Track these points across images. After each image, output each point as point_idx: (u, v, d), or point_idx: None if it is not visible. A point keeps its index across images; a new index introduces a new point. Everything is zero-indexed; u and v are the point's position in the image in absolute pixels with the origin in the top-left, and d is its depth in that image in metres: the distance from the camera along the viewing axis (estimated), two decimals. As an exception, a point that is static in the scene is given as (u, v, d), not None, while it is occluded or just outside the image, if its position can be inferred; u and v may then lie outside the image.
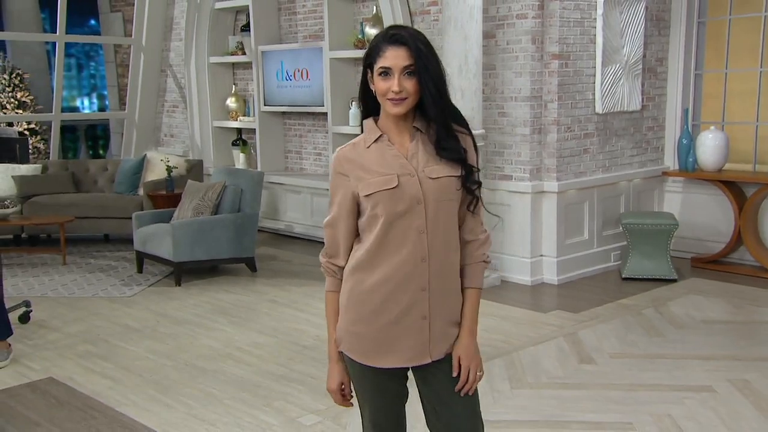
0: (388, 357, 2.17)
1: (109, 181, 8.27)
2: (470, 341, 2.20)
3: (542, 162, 5.91)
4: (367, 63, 2.14)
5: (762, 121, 6.37)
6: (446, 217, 2.15)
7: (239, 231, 6.40)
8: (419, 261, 2.12)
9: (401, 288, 2.13)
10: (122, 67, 10.78)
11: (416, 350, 2.16)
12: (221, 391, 4.15)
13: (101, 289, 6.25)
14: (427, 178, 2.12)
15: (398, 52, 2.07)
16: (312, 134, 8.03)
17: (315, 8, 7.73)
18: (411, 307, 2.14)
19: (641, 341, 4.74)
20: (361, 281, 2.16)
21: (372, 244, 2.14)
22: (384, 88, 2.08)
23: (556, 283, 5.98)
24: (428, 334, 2.16)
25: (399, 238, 2.12)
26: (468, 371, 2.17)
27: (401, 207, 2.10)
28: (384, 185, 2.10)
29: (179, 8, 9.09)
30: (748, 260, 6.22)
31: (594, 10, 5.96)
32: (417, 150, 2.15)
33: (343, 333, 2.21)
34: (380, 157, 2.14)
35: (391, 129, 2.17)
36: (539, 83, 5.83)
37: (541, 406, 3.85)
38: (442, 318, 2.17)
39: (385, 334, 2.16)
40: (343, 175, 2.18)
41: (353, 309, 2.19)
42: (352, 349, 2.20)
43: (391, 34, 2.10)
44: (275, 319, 5.37)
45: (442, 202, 2.13)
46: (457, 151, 2.14)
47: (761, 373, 4.19)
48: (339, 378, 2.26)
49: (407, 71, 2.07)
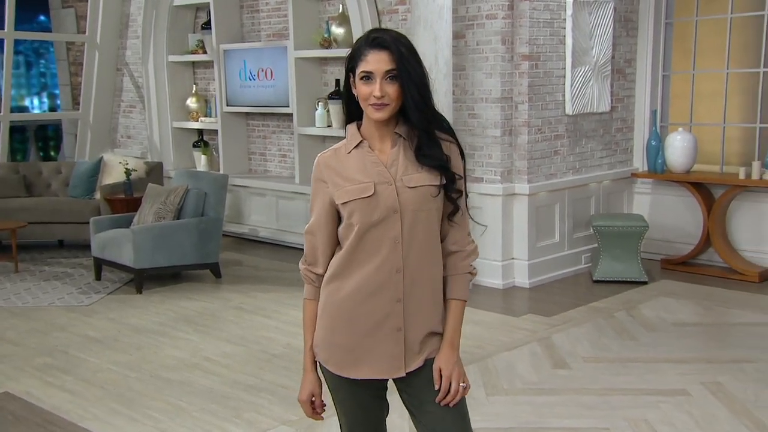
0: (361, 368, 2.12)
1: (64, 184, 7.99)
2: (451, 353, 2.13)
3: (513, 164, 5.84)
4: (349, 67, 2.08)
5: (729, 122, 6.40)
6: (425, 228, 2.09)
7: (203, 236, 6.21)
8: (393, 272, 2.07)
9: (375, 298, 2.08)
10: (75, 66, 10.45)
11: (390, 362, 2.11)
12: (189, 403, 3.99)
13: (58, 298, 6.00)
14: (405, 187, 2.06)
15: (380, 56, 2.01)
16: (277, 135, 7.86)
17: (279, 6, 7.57)
18: (385, 318, 2.09)
19: (614, 345, 4.70)
20: (336, 290, 2.13)
21: (346, 252, 2.10)
22: (366, 92, 2.03)
23: (527, 286, 5.92)
24: (403, 347, 2.11)
25: (373, 248, 2.07)
26: (449, 383, 2.10)
27: (376, 216, 2.05)
28: (360, 194, 2.05)
29: (135, 5, 8.83)
30: (717, 261, 6.24)
31: (563, 11, 5.92)
32: (397, 157, 2.09)
33: (319, 343, 2.17)
34: (359, 163, 2.09)
35: (373, 135, 2.11)
36: (510, 84, 5.76)
37: (517, 413, 3.79)
38: (418, 330, 2.11)
39: (359, 344, 2.11)
40: (322, 181, 2.13)
41: (328, 318, 2.14)
42: (328, 359, 2.15)
43: (373, 37, 2.05)
44: (243, 327, 5.20)
45: (420, 212, 2.07)
46: (438, 158, 2.08)
47: (733, 375, 4.19)
48: (310, 388, 2.20)
49: (389, 76, 2.02)
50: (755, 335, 4.86)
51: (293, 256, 7.19)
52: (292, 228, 7.41)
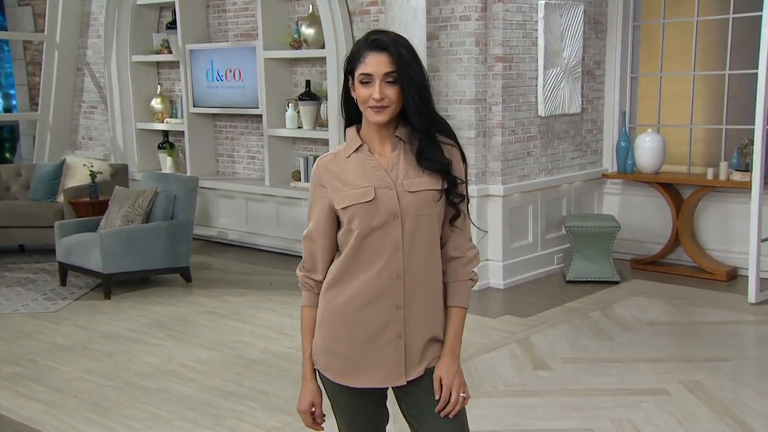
0: (361, 376, 2.08)
1: (24, 187, 7.75)
2: (452, 362, 2.10)
3: (487, 165, 5.85)
4: (348, 69, 2.04)
5: (695, 123, 6.51)
6: (426, 233, 2.05)
7: (173, 239, 6.08)
8: (394, 278, 2.03)
9: (375, 305, 2.04)
10: (33, 65, 10.18)
11: (391, 370, 2.07)
12: (167, 411, 3.89)
13: (22, 305, 5.82)
14: (406, 192, 2.02)
15: (379, 58, 1.98)
16: (245, 137, 7.75)
17: (246, 6, 7.47)
18: (386, 325, 2.05)
19: (591, 345, 4.74)
20: (335, 296, 2.08)
21: (346, 258, 2.05)
22: (365, 95, 1.99)
23: (502, 287, 5.93)
24: (404, 354, 2.07)
25: (373, 253, 2.03)
26: (450, 392, 2.06)
27: (377, 221, 2.01)
28: (360, 198, 2.01)
29: (97, 3, 8.62)
30: (686, 261, 6.34)
31: (535, 13, 5.95)
32: (398, 161, 2.05)
33: (319, 351, 2.12)
34: (359, 168, 2.05)
35: (373, 138, 2.07)
36: (483, 86, 5.77)
37: (501, 415, 3.78)
38: (418, 338, 2.07)
39: (359, 352, 2.07)
40: (321, 186, 2.08)
41: (327, 325, 2.10)
42: (327, 367, 2.11)
43: (372, 39, 2.01)
44: (217, 332, 5.11)
45: (421, 217, 2.03)
46: (440, 162, 2.04)
47: (709, 373, 4.24)
48: (310, 398, 2.15)
49: (389, 79, 1.98)
50: (727, 333, 4.94)
51: (263, 259, 7.10)
52: (262, 231, 7.31)
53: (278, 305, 5.65)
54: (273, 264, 6.88)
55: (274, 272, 6.60)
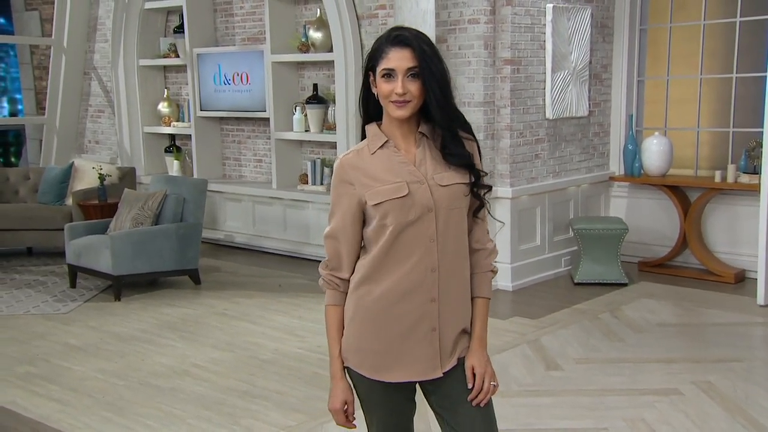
0: (398, 371, 2.09)
1: (32, 190, 7.78)
2: (482, 351, 2.14)
3: (495, 167, 5.88)
4: (369, 66, 2.06)
5: (703, 126, 6.54)
6: (456, 225, 2.09)
7: (182, 242, 6.10)
8: (429, 271, 2.05)
9: (409, 299, 2.06)
10: (40, 69, 10.22)
11: (427, 363, 2.09)
12: (183, 410, 3.91)
13: (33, 306, 5.84)
14: (438, 186, 2.05)
15: (402, 54, 2.00)
16: (252, 140, 7.78)
17: (254, 10, 7.51)
18: (420, 318, 2.07)
19: (603, 346, 4.75)
20: (367, 293, 2.08)
21: (379, 254, 2.06)
22: (387, 90, 2.01)
23: (510, 289, 5.95)
24: (438, 347, 2.09)
25: (407, 248, 2.04)
26: (482, 381, 2.11)
27: (412, 216, 2.03)
28: (394, 194, 2.02)
29: (104, 7, 8.66)
30: (693, 263, 6.36)
31: (543, 17, 5.98)
32: (424, 156, 2.08)
33: (351, 348, 2.12)
34: (387, 164, 2.06)
35: (396, 134, 2.10)
36: (492, 89, 5.80)
37: (515, 415, 3.79)
38: (451, 330, 2.10)
39: (394, 347, 2.08)
40: (348, 183, 2.08)
41: (360, 322, 2.10)
42: (361, 364, 2.11)
43: (395, 35, 2.03)
44: (229, 333, 5.12)
45: (452, 209, 2.07)
46: (465, 157, 2.08)
47: (721, 374, 4.26)
48: (343, 396, 2.15)
49: (411, 73, 2.00)
50: (737, 335, 4.96)
51: (271, 261, 7.12)
52: (269, 233, 7.33)
53: (288, 307, 5.67)
54: (281, 267, 6.90)
55: (283, 275, 6.62)
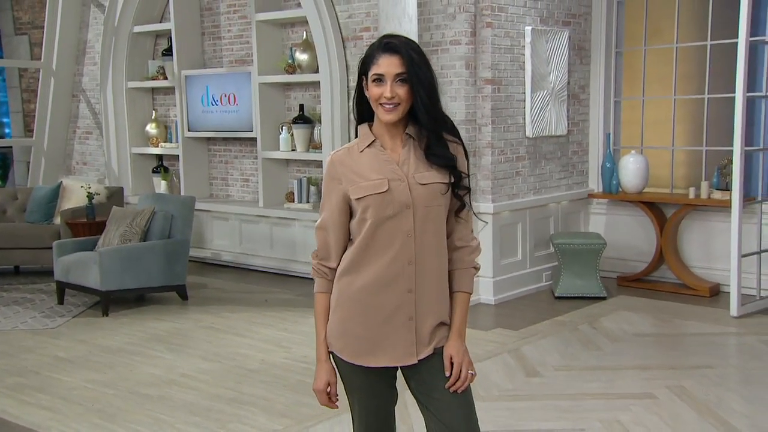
0: (377, 356, 2.23)
1: (20, 210, 7.85)
2: (460, 342, 2.26)
3: (477, 184, 6.04)
4: (362, 71, 2.21)
5: (677, 145, 6.74)
6: (434, 223, 2.22)
7: (170, 258, 6.20)
8: (406, 264, 2.19)
9: (388, 289, 2.19)
10: (28, 92, 10.33)
11: (404, 350, 2.22)
12: (171, 416, 3.99)
13: (21, 322, 5.90)
14: (417, 184, 2.19)
15: (391, 60, 2.14)
16: (239, 160, 7.91)
17: (241, 33, 7.68)
18: (398, 308, 2.20)
19: (581, 354, 4.89)
20: (350, 282, 2.22)
21: (360, 246, 2.20)
22: (377, 93, 2.15)
23: (493, 303, 6.08)
24: (415, 335, 2.22)
25: (386, 241, 2.18)
26: (459, 369, 2.23)
27: (390, 211, 2.17)
28: (374, 189, 2.16)
29: (93, 31, 8.82)
30: (670, 278, 6.52)
31: (522, 38, 6.19)
32: (408, 156, 2.22)
33: (334, 333, 2.26)
34: (373, 161, 2.21)
35: (384, 135, 2.24)
36: (473, 107, 5.98)
37: (496, 418, 3.91)
38: (428, 319, 2.23)
39: (374, 333, 2.21)
40: (336, 178, 2.23)
41: (343, 309, 2.24)
42: (343, 349, 2.25)
43: (385, 42, 2.19)
44: (216, 345, 5.21)
45: (431, 207, 2.20)
46: (447, 158, 2.21)
47: (695, 380, 4.40)
48: (326, 377, 2.28)
49: (400, 78, 2.14)
50: (711, 344, 5.11)
51: (258, 278, 7.22)
52: (256, 251, 7.44)
53: (275, 320, 5.77)
54: (267, 284, 7.00)
55: (269, 291, 6.72)
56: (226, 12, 7.80)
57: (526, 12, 6.19)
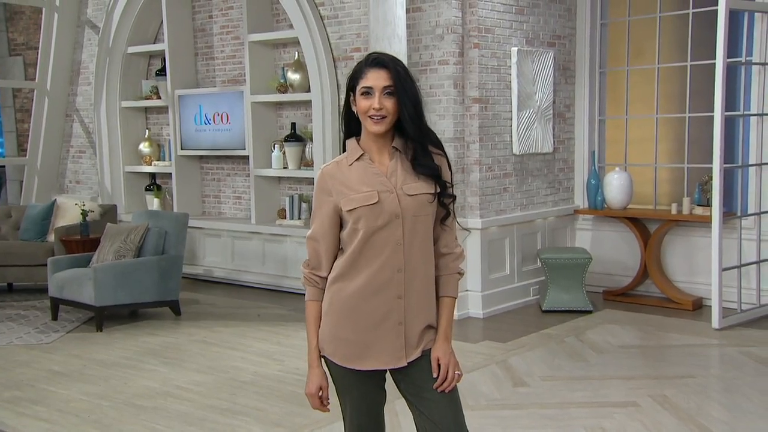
0: (367, 360, 2.33)
1: (14, 228, 7.93)
2: (446, 344, 2.38)
3: (466, 200, 6.18)
4: (350, 85, 2.33)
5: (660, 163, 6.91)
6: (422, 231, 2.33)
7: (164, 274, 6.29)
8: (395, 271, 2.30)
9: (379, 296, 2.30)
10: (22, 112, 10.44)
11: (393, 354, 2.32)
12: (167, 426, 4.08)
13: (15, 337, 5.97)
14: (405, 195, 2.30)
15: (379, 74, 2.26)
16: (231, 178, 8.03)
17: (234, 54, 7.83)
18: (388, 313, 2.31)
19: (567, 365, 5.00)
20: (341, 289, 2.32)
21: (351, 255, 2.31)
22: (366, 106, 2.27)
23: (481, 316, 6.20)
24: (404, 339, 2.33)
25: (377, 250, 2.29)
26: (447, 370, 2.33)
27: (381, 221, 2.28)
28: (365, 201, 2.28)
29: (88, 52, 8.95)
30: (654, 292, 6.67)
31: (509, 59, 6.36)
32: (396, 168, 2.33)
33: (326, 338, 2.35)
34: (362, 174, 2.32)
35: (372, 148, 2.35)
36: (461, 125, 6.14)
37: (485, 426, 4.01)
38: (416, 323, 2.34)
39: (364, 338, 2.32)
40: (326, 191, 2.34)
41: (335, 315, 2.34)
42: (335, 353, 2.35)
43: (373, 57, 2.32)
44: (209, 358, 5.30)
45: (418, 216, 2.31)
46: (432, 168, 2.33)
47: (677, 389, 4.52)
48: (318, 382, 2.38)
49: (387, 91, 2.26)
50: (694, 355, 5.24)
51: (250, 294, 7.31)
52: (248, 268, 7.54)
53: (267, 334, 5.87)
54: (260, 299, 7.10)
55: (262, 306, 6.82)
56: (219, 33, 7.96)
57: (512, 33, 6.37)
